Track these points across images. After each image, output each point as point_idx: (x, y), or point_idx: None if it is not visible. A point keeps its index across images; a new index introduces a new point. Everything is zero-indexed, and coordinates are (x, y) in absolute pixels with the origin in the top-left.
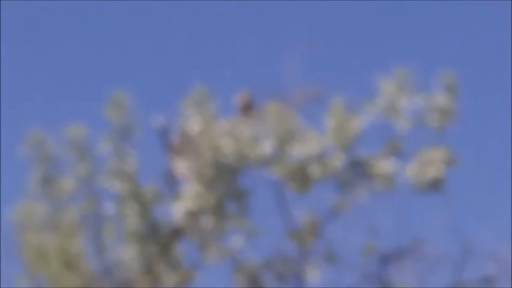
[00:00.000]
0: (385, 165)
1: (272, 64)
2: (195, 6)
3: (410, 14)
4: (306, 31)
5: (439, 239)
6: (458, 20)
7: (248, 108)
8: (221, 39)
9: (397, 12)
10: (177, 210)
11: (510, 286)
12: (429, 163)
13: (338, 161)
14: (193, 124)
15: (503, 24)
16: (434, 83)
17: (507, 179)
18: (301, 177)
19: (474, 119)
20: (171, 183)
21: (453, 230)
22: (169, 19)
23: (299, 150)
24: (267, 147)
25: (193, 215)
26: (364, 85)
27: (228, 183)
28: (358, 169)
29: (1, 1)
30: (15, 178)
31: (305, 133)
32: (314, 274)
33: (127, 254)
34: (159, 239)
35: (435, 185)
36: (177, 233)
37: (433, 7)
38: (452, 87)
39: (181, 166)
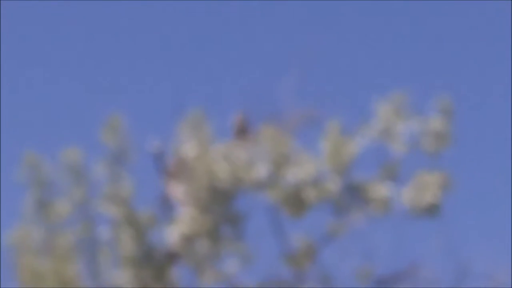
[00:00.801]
0: (381, 189)
1: (267, 86)
2: (189, 29)
3: (406, 38)
4: (301, 53)
5: (435, 262)
6: (454, 44)
7: (243, 131)
8: (216, 63)
9: (393, 35)
10: (172, 234)
11: None
12: (425, 187)
13: (333, 185)
14: (188, 148)
15: (499, 50)
16: (430, 107)
17: (503, 203)
18: (296, 200)
19: (469, 143)
20: (166, 207)
21: (449, 253)
22: (164, 42)
23: (294, 174)
24: (262, 170)
25: (188, 239)
26: (359, 109)
27: (224, 207)
28: (354, 193)
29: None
30: (11, 202)
31: (300, 156)
32: None
33: (122, 278)
34: (154, 263)
35: (431, 209)
36: (172, 257)
37: (429, 31)
38: (448, 111)
39: (176, 190)
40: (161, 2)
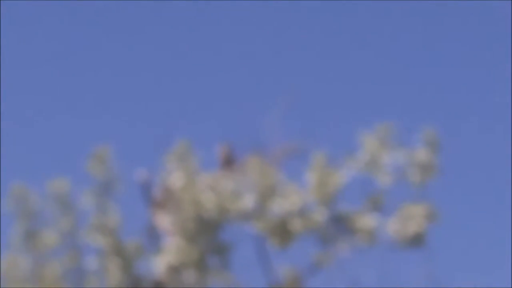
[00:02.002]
0: (366, 220)
1: (253, 118)
2: (175, 60)
3: (391, 69)
4: (287, 85)
5: None
6: (439, 76)
7: (229, 162)
8: (202, 94)
9: (378, 67)
10: (159, 264)
11: None
12: (410, 218)
13: (319, 216)
14: (175, 179)
15: (485, 82)
16: (416, 138)
17: (488, 234)
18: (282, 231)
19: (455, 174)
20: (153, 238)
21: (434, 283)
22: (150, 74)
23: (281, 205)
24: (248, 201)
25: (175, 269)
26: (345, 140)
27: (210, 237)
28: (340, 224)
29: None
30: None
31: (286, 187)
32: None
33: None
34: None
35: (416, 240)
36: (159, 287)
37: (414, 62)
38: (434, 142)
39: (163, 221)
40: (148, 34)
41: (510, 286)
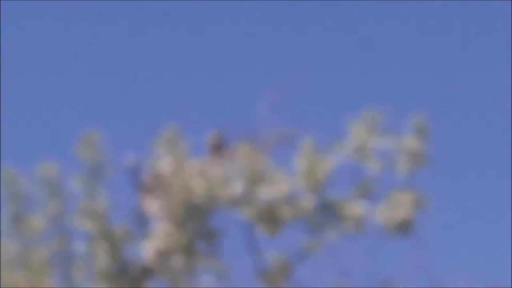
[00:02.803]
0: (355, 207)
1: (243, 104)
2: (166, 46)
3: (380, 56)
4: (277, 72)
5: (408, 279)
6: (429, 62)
7: (218, 148)
8: (192, 79)
9: (367, 54)
10: (147, 249)
11: None
12: (399, 205)
13: (308, 203)
14: (164, 164)
15: (474, 68)
16: (405, 125)
17: (476, 221)
18: (271, 218)
19: (444, 162)
20: (142, 222)
21: (423, 271)
22: (140, 59)
23: (269, 191)
24: (237, 187)
25: (163, 254)
26: (334, 127)
27: (199, 223)
28: (328, 211)
29: None
30: None
31: (275, 174)
32: None
33: None
34: (130, 278)
35: (405, 227)
36: (147, 272)
37: (403, 49)
38: (423, 129)
39: (152, 206)
40: (139, 20)
41: (510, 287)
